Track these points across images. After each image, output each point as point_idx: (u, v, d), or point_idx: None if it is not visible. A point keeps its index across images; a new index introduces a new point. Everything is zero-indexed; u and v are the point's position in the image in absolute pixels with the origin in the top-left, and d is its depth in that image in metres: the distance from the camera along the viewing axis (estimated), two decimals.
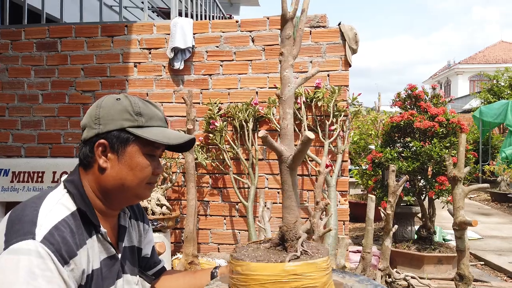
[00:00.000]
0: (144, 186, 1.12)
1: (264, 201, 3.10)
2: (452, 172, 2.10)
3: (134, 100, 1.11)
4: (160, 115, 1.14)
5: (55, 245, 0.93)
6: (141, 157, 1.09)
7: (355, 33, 3.54)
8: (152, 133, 1.09)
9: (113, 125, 1.07)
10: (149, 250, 1.33)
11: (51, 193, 1.06)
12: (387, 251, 2.80)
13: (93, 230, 1.07)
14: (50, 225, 0.96)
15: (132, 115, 1.08)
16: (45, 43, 3.91)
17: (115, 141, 1.07)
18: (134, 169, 1.08)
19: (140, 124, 1.09)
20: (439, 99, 4.34)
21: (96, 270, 1.06)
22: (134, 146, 1.08)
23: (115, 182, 1.09)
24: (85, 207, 1.06)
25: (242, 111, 3.52)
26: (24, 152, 3.94)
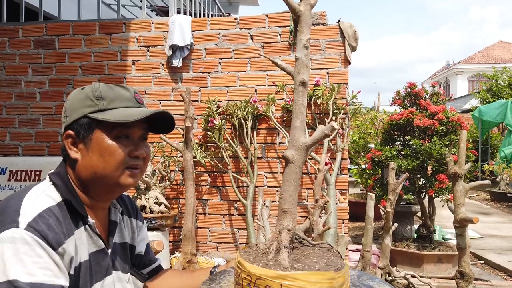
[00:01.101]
0: (122, 172, 1.05)
1: (263, 199, 3.08)
2: (453, 168, 2.08)
3: (96, 86, 1.07)
4: (127, 95, 1.08)
5: (40, 231, 0.91)
6: (109, 141, 1.04)
7: (354, 31, 3.52)
8: (112, 114, 1.04)
9: (76, 114, 1.05)
10: (143, 247, 1.30)
11: (36, 186, 1.04)
12: (387, 249, 2.78)
13: (81, 221, 1.04)
14: (34, 213, 0.93)
15: (92, 100, 1.05)
16: (43, 40, 3.89)
17: (80, 129, 1.04)
18: (104, 154, 1.03)
19: (101, 107, 1.04)
20: (438, 97, 4.32)
21: (85, 262, 1.03)
22: (99, 132, 1.04)
23: (88, 171, 1.05)
24: (71, 197, 1.03)
25: (241, 109, 3.49)
26: (22, 150, 3.91)
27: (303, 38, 1.05)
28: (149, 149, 1.13)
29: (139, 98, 1.11)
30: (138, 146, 1.08)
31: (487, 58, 29.24)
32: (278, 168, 3.58)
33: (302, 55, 1.04)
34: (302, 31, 1.05)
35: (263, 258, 0.94)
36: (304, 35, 1.05)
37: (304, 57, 1.04)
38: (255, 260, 0.92)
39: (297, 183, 1.02)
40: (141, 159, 1.09)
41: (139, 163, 1.09)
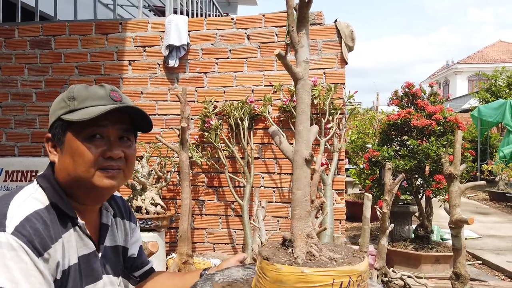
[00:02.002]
0: (95, 173, 1.01)
1: (259, 200, 3.07)
2: (448, 169, 2.07)
3: (72, 87, 1.06)
4: (100, 93, 1.04)
5: (27, 236, 0.90)
6: (78, 142, 1.01)
7: (351, 31, 3.51)
8: (79, 114, 1.01)
9: (53, 117, 1.05)
10: (135, 250, 1.29)
11: (24, 189, 1.02)
12: (384, 250, 2.77)
13: (70, 222, 1.03)
14: (21, 217, 0.92)
15: (65, 101, 1.03)
16: (39, 41, 3.87)
17: (56, 132, 1.04)
18: (73, 156, 1.01)
19: (72, 108, 1.02)
20: (436, 97, 4.31)
21: (74, 266, 1.01)
22: (70, 133, 1.02)
23: (63, 174, 1.04)
24: (58, 200, 1.01)
25: (237, 109, 3.48)
26: (18, 151, 3.90)
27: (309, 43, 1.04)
28: (131, 149, 1.09)
29: (115, 96, 1.06)
30: (113, 146, 1.04)
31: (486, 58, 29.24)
32: (275, 168, 3.57)
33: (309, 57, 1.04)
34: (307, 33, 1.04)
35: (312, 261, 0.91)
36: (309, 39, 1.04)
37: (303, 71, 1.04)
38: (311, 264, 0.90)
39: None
40: (119, 160, 1.05)
41: (114, 164, 1.04)
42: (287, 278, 0.84)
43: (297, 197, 1.01)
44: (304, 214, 1.00)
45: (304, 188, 1.01)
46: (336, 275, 0.83)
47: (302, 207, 0.99)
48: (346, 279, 0.84)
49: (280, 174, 3.56)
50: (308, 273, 0.83)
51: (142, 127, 1.12)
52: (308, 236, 0.98)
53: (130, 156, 1.08)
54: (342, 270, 0.84)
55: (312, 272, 0.83)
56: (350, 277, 0.84)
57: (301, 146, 1.02)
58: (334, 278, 0.83)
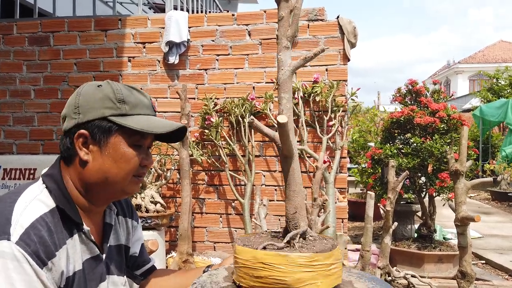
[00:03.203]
0: (131, 180, 1.03)
1: (260, 198, 3.03)
2: (454, 166, 2.02)
3: (116, 87, 1.02)
4: (146, 102, 1.05)
5: (31, 246, 0.87)
6: (126, 148, 1.00)
7: (354, 27, 3.47)
8: (137, 121, 1.00)
9: (93, 114, 0.98)
10: (137, 248, 1.26)
11: (28, 188, 0.98)
12: (387, 248, 2.73)
13: (75, 228, 1.00)
14: (26, 224, 0.89)
15: (114, 102, 0.99)
16: (37, 37, 3.83)
17: (97, 131, 0.98)
18: (119, 161, 0.99)
19: (124, 112, 0.99)
20: (440, 95, 4.26)
21: (79, 272, 0.99)
22: (117, 136, 0.99)
23: (99, 176, 1.00)
24: (64, 204, 0.98)
25: (238, 107, 3.44)
26: (16, 148, 3.86)
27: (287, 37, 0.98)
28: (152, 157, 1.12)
29: (154, 105, 1.10)
30: (149, 156, 1.07)
31: (487, 57, 29.18)
32: (276, 166, 3.52)
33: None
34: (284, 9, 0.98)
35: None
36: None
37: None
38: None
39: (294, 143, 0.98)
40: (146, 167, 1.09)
41: (145, 172, 1.09)
42: None
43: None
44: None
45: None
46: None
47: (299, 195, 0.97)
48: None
49: (282, 172, 3.51)
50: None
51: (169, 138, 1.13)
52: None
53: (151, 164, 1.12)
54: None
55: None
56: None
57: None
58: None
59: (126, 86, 1.05)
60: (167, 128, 1.03)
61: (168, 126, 1.04)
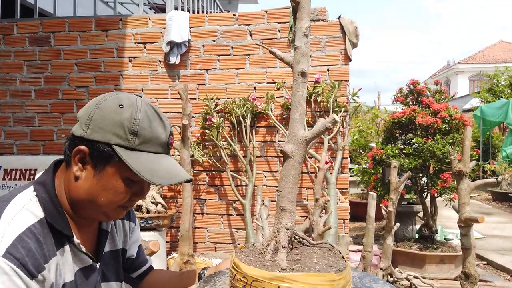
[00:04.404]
0: (115, 209, 0.99)
1: (261, 199, 3.01)
2: (457, 166, 2.01)
3: (136, 115, 0.94)
4: (162, 138, 0.97)
5: (20, 259, 0.84)
6: (119, 181, 0.95)
7: (355, 27, 3.45)
8: (140, 161, 0.93)
9: (100, 136, 0.93)
10: (134, 250, 1.24)
11: (18, 196, 0.95)
12: (389, 249, 2.72)
13: (65, 239, 0.97)
14: (14, 236, 0.86)
15: (125, 132, 0.92)
16: (38, 37, 3.82)
17: (96, 154, 0.93)
18: (108, 191, 0.95)
19: (131, 145, 0.93)
20: (441, 95, 4.25)
21: (69, 283, 0.96)
22: (114, 167, 0.94)
23: (85, 196, 0.97)
24: (53, 216, 0.94)
25: (239, 107, 3.42)
26: (16, 149, 3.84)
27: (303, 26, 0.98)
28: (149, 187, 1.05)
29: (171, 142, 1.01)
30: (143, 190, 1.00)
31: (487, 57, 29.15)
32: (277, 167, 3.51)
33: (302, 43, 0.98)
34: (301, 18, 0.99)
35: (260, 258, 0.89)
36: (304, 23, 0.98)
37: (304, 46, 0.98)
38: (252, 260, 0.87)
39: (296, 180, 0.97)
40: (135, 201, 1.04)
41: (134, 203, 1.04)
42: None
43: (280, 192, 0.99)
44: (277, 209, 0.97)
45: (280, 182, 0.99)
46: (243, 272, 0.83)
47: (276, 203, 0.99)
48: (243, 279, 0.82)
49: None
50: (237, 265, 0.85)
51: None
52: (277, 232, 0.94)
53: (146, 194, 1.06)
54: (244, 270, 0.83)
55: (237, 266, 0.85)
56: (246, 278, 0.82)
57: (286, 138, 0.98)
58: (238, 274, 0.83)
59: (152, 112, 0.97)
60: (167, 181, 0.95)
61: (169, 178, 0.96)
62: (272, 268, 0.83)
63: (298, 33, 0.98)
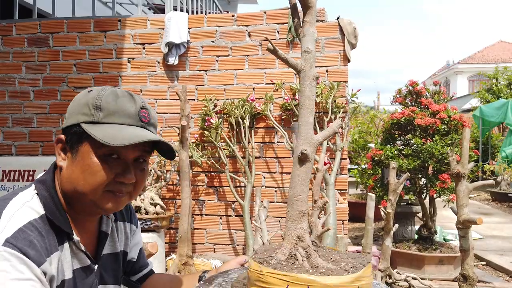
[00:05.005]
0: (102, 195, 0.94)
1: (260, 200, 3.01)
2: (456, 168, 2.01)
3: (101, 92, 0.95)
4: (130, 110, 0.95)
5: (20, 248, 0.84)
6: (94, 158, 0.92)
7: (354, 28, 3.45)
8: (103, 131, 0.91)
9: (72, 120, 0.95)
10: (135, 253, 1.23)
11: (19, 194, 0.95)
12: (388, 251, 2.71)
13: (65, 237, 0.97)
14: (14, 228, 0.86)
15: (90, 108, 0.93)
16: (37, 38, 3.81)
17: (71, 137, 0.95)
18: (85, 172, 0.93)
19: (95, 119, 0.93)
20: (440, 96, 4.25)
21: (68, 281, 0.96)
22: (87, 145, 0.93)
23: (68, 185, 0.96)
24: (53, 213, 0.94)
25: (238, 108, 3.42)
26: (15, 150, 3.84)
27: (315, 30, 0.98)
28: (144, 172, 1.01)
29: (143, 115, 0.98)
30: (127, 170, 0.96)
31: (487, 57, 29.17)
32: (276, 168, 3.51)
33: (314, 47, 0.97)
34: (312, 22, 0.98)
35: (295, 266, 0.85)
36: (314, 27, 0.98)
37: (315, 50, 0.98)
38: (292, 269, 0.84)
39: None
40: (129, 184, 0.98)
41: (123, 188, 0.97)
42: (251, 274, 0.84)
43: (289, 196, 0.96)
44: (295, 214, 0.94)
45: (296, 187, 0.95)
46: (291, 281, 0.78)
47: (292, 207, 0.94)
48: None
49: (282, 173, 3.50)
50: (264, 272, 0.81)
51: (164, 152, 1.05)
52: (299, 238, 0.92)
53: (140, 180, 1.01)
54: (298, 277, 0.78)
55: (268, 273, 0.80)
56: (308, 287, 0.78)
57: (299, 142, 0.96)
58: (289, 284, 0.78)
59: (122, 92, 0.98)
60: (129, 141, 0.90)
61: (133, 137, 0.91)
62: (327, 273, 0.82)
63: (310, 38, 0.97)
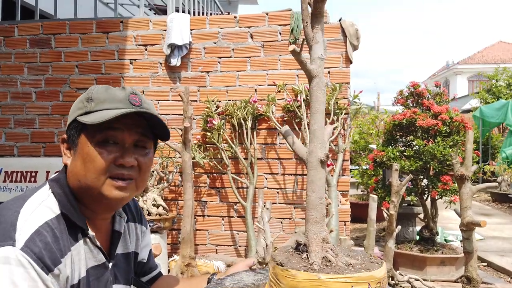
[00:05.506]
0: (105, 182, 0.96)
1: (263, 201, 3.01)
2: (460, 170, 2.01)
3: (92, 87, 1.01)
4: (120, 96, 0.98)
5: (37, 253, 0.85)
6: (90, 147, 0.95)
7: (356, 29, 3.46)
8: (93, 116, 0.95)
9: (70, 118, 1.01)
10: (145, 254, 1.24)
11: (35, 194, 0.97)
12: (390, 252, 2.72)
13: (80, 233, 0.98)
14: (31, 230, 0.87)
15: (83, 102, 0.99)
16: (39, 39, 3.82)
17: (70, 133, 1.00)
18: (85, 161, 0.95)
19: (88, 110, 0.97)
20: (442, 97, 4.25)
21: (83, 279, 0.97)
22: (83, 136, 0.97)
23: (73, 179, 0.99)
24: (68, 210, 0.96)
25: (240, 109, 3.43)
26: (17, 151, 3.84)
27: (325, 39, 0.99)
28: (146, 158, 1.02)
29: (134, 99, 0.99)
30: (126, 153, 0.97)
31: (486, 58, 29.19)
32: (278, 169, 3.51)
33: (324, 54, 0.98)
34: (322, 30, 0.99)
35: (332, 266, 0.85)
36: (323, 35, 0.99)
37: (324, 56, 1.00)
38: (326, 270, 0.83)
39: None
40: (131, 168, 0.99)
41: (125, 172, 0.98)
42: (302, 285, 0.79)
43: (312, 199, 0.97)
44: (320, 217, 0.96)
45: (319, 190, 0.97)
46: (354, 281, 0.78)
47: (317, 210, 0.95)
48: (365, 286, 0.79)
49: (284, 175, 3.50)
50: (324, 279, 0.78)
51: (161, 134, 1.07)
52: (324, 240, 0.94)
53: (144, 165, 1.01)
54: (360, 276, 0.79)
55: (329, 279, 0.78)
56: (369, 284, 0.79)
57: (316, 146, 0.97)
58: (352, 285, 0.78)
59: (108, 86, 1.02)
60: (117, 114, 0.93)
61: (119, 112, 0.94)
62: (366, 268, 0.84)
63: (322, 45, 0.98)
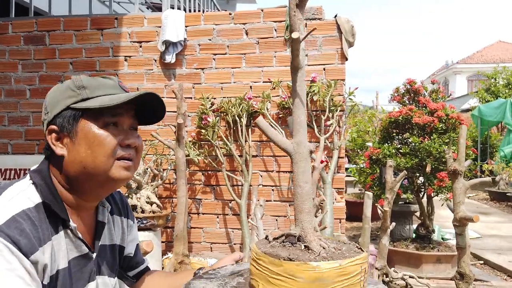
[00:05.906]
0: (114, 164, 0.97)
1: (257, 198, 3.00)
2: (453, 165, 2.00)
3: (77, 77, 1.01)
4: (110, 83, 1.02)
5: (12, 237, 0.84)
6: (97, 130, 0.96)
7: (351, 26, 3.44)
8: (97, 101, 0.97)
9: (58, 108, 0.98)
10: (132, 249, 1.23)
11: (15, 184, 0.96)
12: (385, 249, 2.70)
13: (61, 225, 0.97)
14: (7, 216, 0.86)
15: (74, 90, 0.98)
16: (33, 36, 3.80)
17: (64, 122, 0.97)
18: (91, 145, 0.95)
19: (84, 97, 0.97)
20: (438, 94, 4.24)
21: (63, 270, 0.96)
22: (84, 121, 0.97)
23: (76, 166, 0.97)
24: (50, 200, 0.95)
25: (235, 106, 3.41)
26: (11, 149, 3.82)
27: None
28: (141, 139, 1.05)
29: (124, 86, 1.04)
30: (128, 135, 1.01)
31: (486, 57, 29.18)
32: (273, 166, 3.50)
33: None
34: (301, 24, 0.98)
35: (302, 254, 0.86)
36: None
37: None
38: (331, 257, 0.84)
39: None
40: (133, 149, 1.02)
41: (131, 152, 1.01)
42: (327, 275, 0.79)
43: (306, 190, 0.95)
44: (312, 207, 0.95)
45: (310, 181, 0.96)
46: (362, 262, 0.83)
47: (310, 200, 0.95)
48: (366, 265, 0.84)
49: (279, 172, 3.49)
50: (345, 265, 0.80)
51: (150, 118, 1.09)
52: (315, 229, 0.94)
53: (139, 147, 1.05)
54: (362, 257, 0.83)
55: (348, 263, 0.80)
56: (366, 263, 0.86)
57: (304, 137, 0.96)
58: (361, 265, 0.82)
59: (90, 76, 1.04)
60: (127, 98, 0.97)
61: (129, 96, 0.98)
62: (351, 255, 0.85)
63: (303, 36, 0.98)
